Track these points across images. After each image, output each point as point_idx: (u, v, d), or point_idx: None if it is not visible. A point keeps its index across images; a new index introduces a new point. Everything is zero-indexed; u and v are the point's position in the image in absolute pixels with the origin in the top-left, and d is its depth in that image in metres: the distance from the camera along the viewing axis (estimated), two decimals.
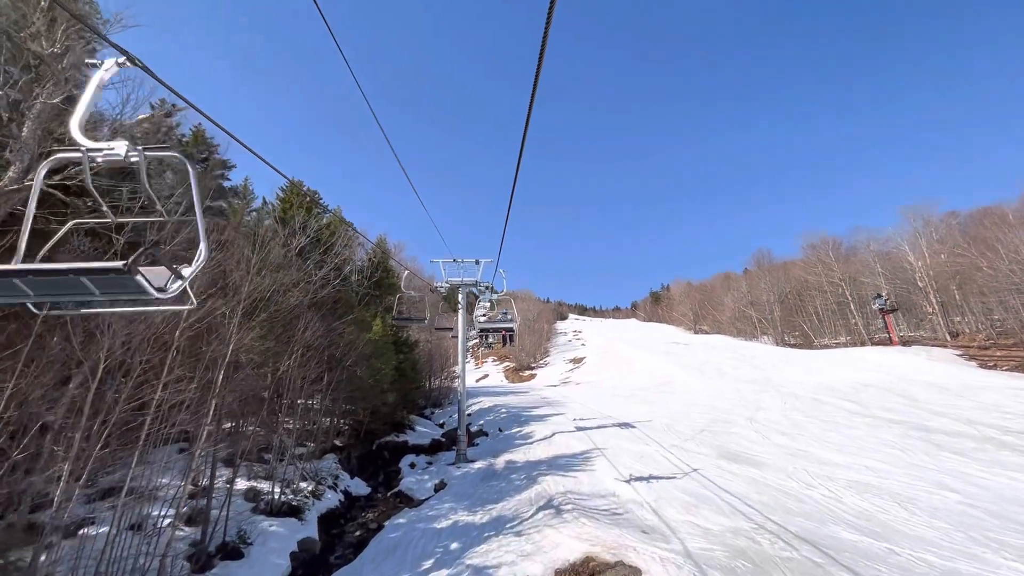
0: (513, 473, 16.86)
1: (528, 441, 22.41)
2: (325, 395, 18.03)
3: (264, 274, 10.88)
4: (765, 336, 65.44)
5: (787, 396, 29.16)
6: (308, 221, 19.29)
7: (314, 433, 18.67)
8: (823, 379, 33.86)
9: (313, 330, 13.94)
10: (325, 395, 18.03)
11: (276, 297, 11.71)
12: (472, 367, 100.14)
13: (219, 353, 9.90)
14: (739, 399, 29.80)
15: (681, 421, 24.85)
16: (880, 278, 46.96)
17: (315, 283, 17.47)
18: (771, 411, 25.23)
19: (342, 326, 17.65)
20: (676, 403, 32.11)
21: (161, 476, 11.45)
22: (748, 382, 35.75)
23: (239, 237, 15.14)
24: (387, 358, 19.60)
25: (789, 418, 23.00)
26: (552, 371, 73.26)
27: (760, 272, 68.48)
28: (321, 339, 16.20)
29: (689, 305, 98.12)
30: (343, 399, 18.57)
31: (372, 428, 20.85)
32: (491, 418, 31.55)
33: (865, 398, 26.55)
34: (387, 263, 26.83)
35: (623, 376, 51.96)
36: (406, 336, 31.27)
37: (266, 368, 11.77)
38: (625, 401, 35.58)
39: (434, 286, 21.96)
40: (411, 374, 25.09)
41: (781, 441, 18.82)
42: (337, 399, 18.81)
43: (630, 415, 28.81)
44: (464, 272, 22.34)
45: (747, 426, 22.04)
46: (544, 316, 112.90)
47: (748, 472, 14.95)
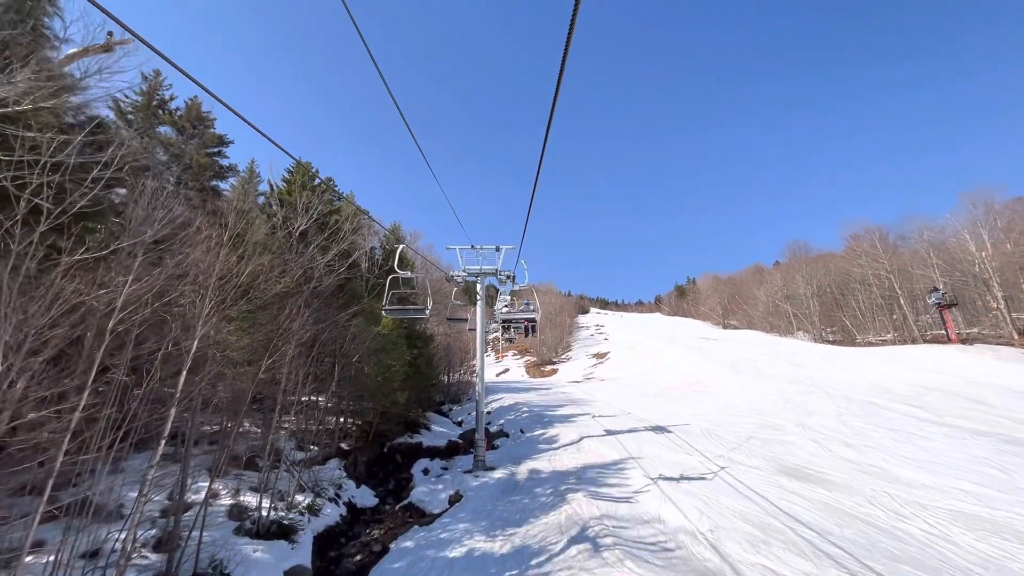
0: (538, 486, 14.85)
1: (553, 446, 20.38)
2: (329, 394, 16.29)
3: (245, 256, 9.12)
4: (801, 332, 61.86)
5: (838, 399, 26.40)
6: (312, 202, 17.51)
7: (318, 436, 16.98)
8: (876, 380, 30.88)
9: (304, 322, 12.11)
10: (329, 394, 16.29)
11: (262, 284, 9.96)
12: (492, 361, 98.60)
13: (186, 348, 8.07)
14: (783, 401, 27.16)
15: (723, 426, 22.44)
16: (934, 270, 43.16)
17: (319, 270, 15.71)
18: (824, 416, 22.59)
19: (347, 318, 15.89)
20: (712, 404, 29.61)
21: (132, 490, 9.83)
22: (790, 382, 32.93)
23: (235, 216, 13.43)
24: (398, 354, 17.80)
25: (848, 425, 20.37)
26: (575, 366, 71.01)
27: (796, 264, 64.64)
28: (325, 333, 14.44)
29: (717, 299, 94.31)
30: (350, 398, 16.86)
31: (383, 429, 19.10)
32: (512, 417, 29.60)
33: (931, 403, 23.67)
34: (402, 251, 25.05)
35: (650, 373, 49.41)
36: (422, 329, 29.54)
37: (249, 366, 10.02)
38: (655, 401, 33.20)
39: (450, 275, 20.00)
40: (426, 370, 23.34)
41: (846, 454, 16.32)
42: (343, 398, 17.09)
43: (663, 417, 26.50)
44: (483, 260, 20.35)
45: (800, 434, 19.53)
46: (566, 310, 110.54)
47: (817, 494, 12.60)
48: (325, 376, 15.64)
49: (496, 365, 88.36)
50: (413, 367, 22.30)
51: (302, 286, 13.96)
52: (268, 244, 12.99)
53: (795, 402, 26.52)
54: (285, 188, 20.56)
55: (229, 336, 9.19)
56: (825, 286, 57.62)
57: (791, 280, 63.56)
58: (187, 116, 16.71)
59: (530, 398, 37.69)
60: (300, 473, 13.59)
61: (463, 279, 20.00)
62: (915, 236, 46.71)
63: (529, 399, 36.97)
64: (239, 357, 9.70)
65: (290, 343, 11.39)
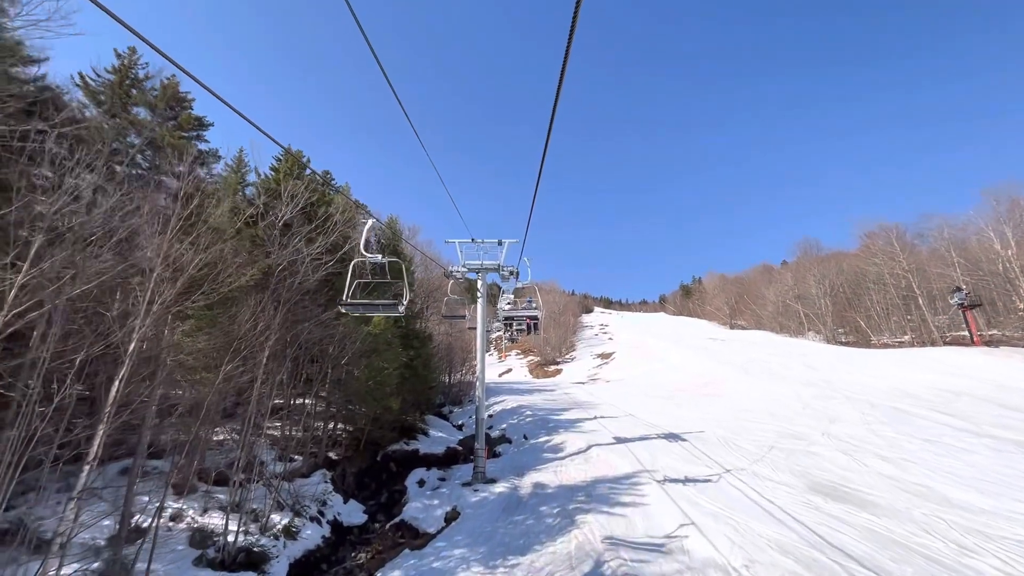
0: (543, 504, 13.42)
1: (559, 455, 18.95)
2: (314, 400, 14.88)
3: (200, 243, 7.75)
4: (812, 333, 60.17)
5: (860, 403, 24.86)
6: (299, 192, 16.11)
7: (303, 445, 15.60)
8: (897, 383, 29.29)
9: (277, 320, 10.71)
10: (314, 400, 14.88)
11: (221, 276, 8.57)
12: (495, 360, 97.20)
13: (123, 349, 6.67)
14: (801, 406, 25.63)
15: (739, 433, 20.96)
16: (956, 269, 41.45)
17: (303, 263, 14.31)
18: (849, 423, 21.07)
19: (334, 316, 14.50)
20: (724, 408, 28.12)
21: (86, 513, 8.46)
22: (806, 385, 31.38)
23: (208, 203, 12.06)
24: (392, 355, 16.41)
25: (878, 434, 18.85)
26: (579, 366, 69.52)
27: (807, 263, 62.88)
28: (306, 332, 13.04)
29: (724, 299, 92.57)
30: (338, 404, 15.49)
31: (375, 436, 17.71)
32: (515, 421, 28.19)
33: (963, 410, 22.10)
34: (398, 246, 23.65)
35: (658, 374, 47.89)
36: (422, 328, 28.14)
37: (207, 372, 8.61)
38: (664, 404, 31.71)
39: (449, 270, 18.58)
40: (423, 372, 21.94)
41: (883, 468, 14.83)
42: (331, 404, 15.70)
43: (674, 422, 25.03)
44: (485, 255, 18.93)
45: (827, 444, 18.04)
46: (570, 309, 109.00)
47: (860, 519, 11.13)
48: (311, 380, 14.23)
49: (499, 365, 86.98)
50: (410, 369, 20.90)
51: (278, 280, 12.57)
52: (232, 231, 11.55)
53: (814, 407, 24.99)
54: (273, 177, 19.20)
55: (184, 337, 7.82)
56: (838, 286, 55.91)
57: (802, 279, 61.85)
58: (162, 96, 15.34)
59: (534, 400, 36.27)
60: (279, 488, 12.16)
61: (463, 275, 18.57)
62: (934, 234, 45.02)
63: (533, 401, 35.54)
64: (196, 362, 8.32)
65: (263, 345, 9.97)
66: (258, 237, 13.81)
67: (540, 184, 7.75)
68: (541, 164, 6.30)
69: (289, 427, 15.55)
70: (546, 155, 6.00)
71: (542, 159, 6.09)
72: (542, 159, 6.09)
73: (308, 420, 16.45)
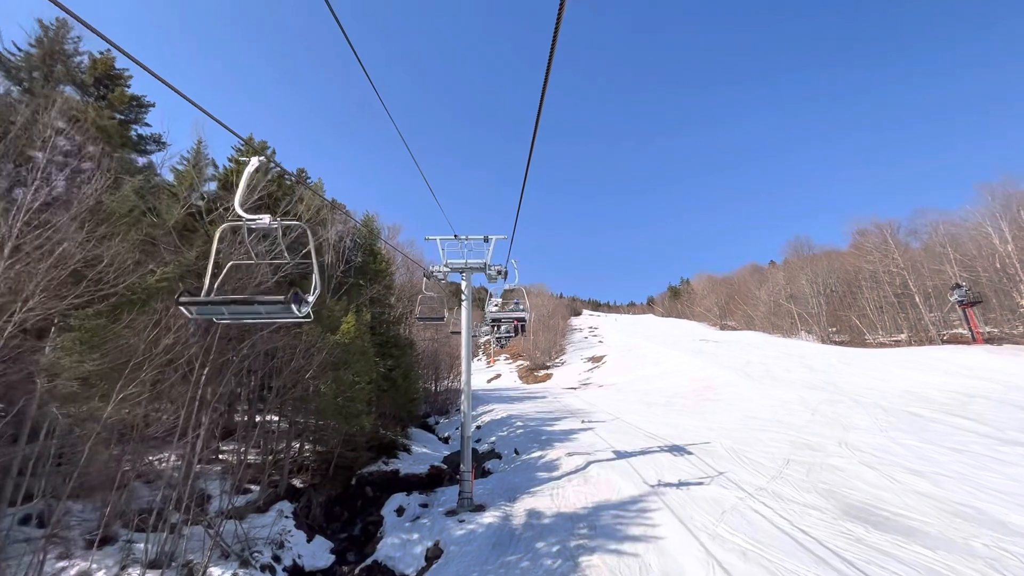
0: (540, 538, 11.55)
1: (554, 474, 17.12)
2: (279, 419, 12.89)
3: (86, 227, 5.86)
4: (805, 333, 59.24)
5: (871, 408, 23.45)
6: (256, 183, 14.12)
7: (263, 470, 13.54)
8: (905, 385, 28.03)
9: (189, 333, 8.76)
10: (279, 419, 12.89)
11: (113, 276, 6.62)
12: (483, 366, 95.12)
13: None
14: (810, 412, 24.14)
15: (749, 444, 19.33)
16: (953, 266, 40.61)
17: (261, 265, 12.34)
18: (865, 431, 19.57)
19: (298, 324, 12.58)
20: (727, 415, 26.56)
21: None
22: (810, 388, 29.99)
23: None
24: (364, 367, 14.43)
25: (899, 443, 17.35)
26: (570, 371, 67.81)
27: (799, 263, 62.08)
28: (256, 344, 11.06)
29: (714, 300, 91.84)
30: (300, 424, 13.51)
31: (349, 458, 15.69)
32: (504, 433, 26.28)
33: (981, 413, 20.75)
34: (375, 245, 21.65)
35: (653, 378, 46.34)
36: (405, 333, 26.14)
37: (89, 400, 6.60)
38: (663, 411, 30.08)
39: (430, 270, 16.68)
40: (403, 383, 19.95)
41: (917, 485, 13.23)
42: (294, 424, 13.69)
43: (676, 432, 23.37)
44: (470, 253, 17.09)
45: (847, 456, 16.45)
46: (559, 312, 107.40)
47: (911, 552, 9.46)
48: (265, 398, 12.22)
49: (487, 371, 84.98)
50: (388, 380, 18.92)
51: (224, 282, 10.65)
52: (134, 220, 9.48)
53: (824, 413, 23.51)
54: (231, 168, 17.18)
55: (63, 353, 5.89)
56: (831, 284, 55.07)
57: (794, 279, 61.00)
58: (91, 72, 13.24)
59: (524, 409, 34.40)
60: (219, 530, 10.09)
61: (445, 275, 16.69)
62: (929, 231, 44.27)
63: (523, 410, 33.66)
64: (79, 388, 6.32)
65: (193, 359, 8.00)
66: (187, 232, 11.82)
67: (527, 178, 7.07)
68: (529, 156, 5.72)
69: (244, 451, 13.48)
70: (533, 148, 5.47)
71: (530, 151, 5.54)
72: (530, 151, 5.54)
73: (269, 443, 14.40)
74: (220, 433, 14.35)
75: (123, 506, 10.10)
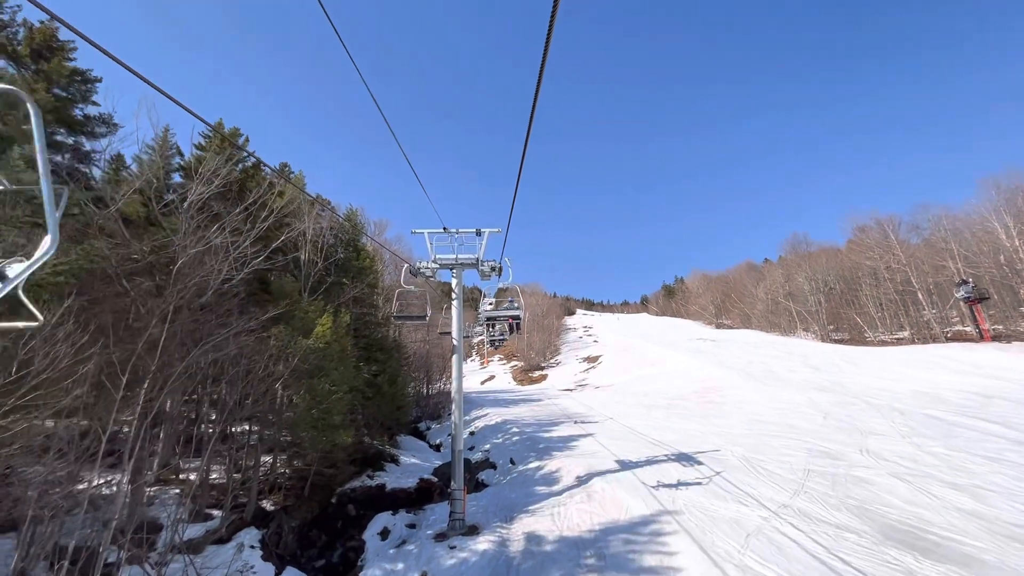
0: (542, 570, 10.11)
1: (554, 488, 15.69)
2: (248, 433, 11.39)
3: None
4: (804, 331, 58.29)
5: (886, 411, 22.26)
6: (219, 167, 12.56)
7: (230, 492, 11.99)
8: (915, 385, 26.94)
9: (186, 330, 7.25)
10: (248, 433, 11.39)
11: None
12: (477, 367, 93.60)
13: None
14: (821, 415, 22.89)
15: (762, 451, 18.02)
16: (957, 261, 39.70)
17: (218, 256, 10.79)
18: (886, 437, 18.33)
19: (262, 325, 11.04)
20: (733, 419, 25.29)
21: None
22: (818, 389, 28.81)
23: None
24: (343, 374, 12.91)
25: (927, 451, 16.09)
26: (565, 371, 66.49)
27: (797, 259, 61.17)
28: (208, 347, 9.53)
29: (710, 298, 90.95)
30: (271, 439, 11.99)
31: (327, 475, 14.14)
32: (499, 441, 24.82)
33: (1004, 415, 19.59)
34: (359, 241, 20.09)
35: (651, 379, 45.08)
36: (394, 335, 24.61)
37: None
38: (665, 415, 28.74)
39: (416, 267, 15.17)
40: (389, 389, 18.40)
41: (959, 501, 11.94)
42: (263, 438, 12.15)
43: (681, 438, 22.04)
44: (461, 248, 15.62)
45: (873, 466, 15.17)
46: (553, 311, 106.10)
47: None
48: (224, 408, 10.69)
49: (481, 372, 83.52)
50: (372, 387, 17.38)
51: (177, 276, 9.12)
52: None
53: (837, 416, 22.27)
54: (197, 156, 15.59)
55: None
56: (831, 282, 54.14)
57: (792, 276, 60.07)
58: (28, 43, 11.58)
59: (520, 413, 32.94)
60: (163, 573, 8.55)
61: (433, 272, 15.20)
62: (932, 226, 43.35)
63: (519, 414, 32.20)
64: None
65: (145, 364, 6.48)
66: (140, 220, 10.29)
67: (523, 168, 6.45)
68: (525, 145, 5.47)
69: (206, 470, 11.90)
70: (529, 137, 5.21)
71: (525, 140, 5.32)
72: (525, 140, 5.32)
73: (238, 460, 12.85)
74: (180, 450, 12.80)
75: (45, 541, 8.49)
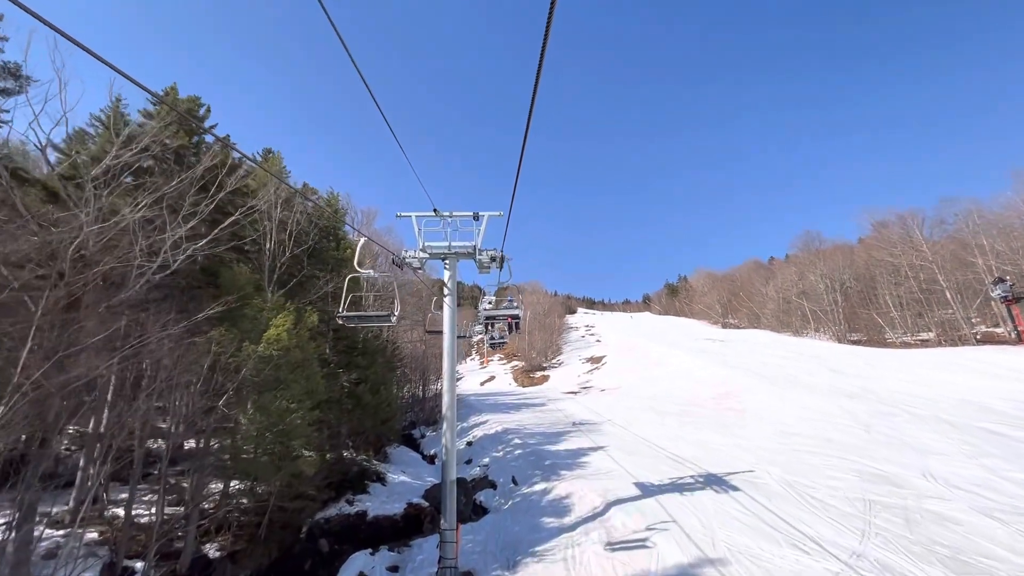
0: None
1: (565, 520, 13.22)
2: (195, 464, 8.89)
3: None
4: (813, 331, 55.75)
5: (935, 424, 19.75)
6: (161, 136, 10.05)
7: (153, 535, 9.47)
8: (955, 392, 24.42)
9: None
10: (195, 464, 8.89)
11: None
12: (476, 366, 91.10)
13: None
14: (863, 429, 20.33)
15: (805, 476, 15.54)
16: (989, 257, 37.18)
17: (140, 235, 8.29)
18: (949, 458, 15.86)
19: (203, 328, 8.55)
20: (760, 430, 22.77)
21: None
22: (847, 396, 26.29)
23: None
24: (303, 387, 10.34)
25: (1005, 477, 13.61)
26: (568, 372, 63.98)
27: (810, 257, 58.62)
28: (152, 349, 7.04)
29: (716, 297, 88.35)
30: (211, 470, 9.52)
31: (289, 510, 11.63)
32: (500, 454, 22.32)
33: None
34: (339, 229, 17.54)
35: (660, 381, 42.57)
36: (378, 336, 22.08)
37: None
38: (679, 423, 26.26)
39: (401, 256, 12.62)
40: (372, 399, 15.80)
41: None
42: (203, 471, 9.65)
43: (704, 454, 19.59)
44: (455, 235, 13.09)
45: (950, 498, 12.67)
46: (554, 310, 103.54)
47: None
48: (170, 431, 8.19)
49: (481, 372, 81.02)
50: (352, 397, 14.86)
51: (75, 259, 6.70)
52: None
53: (881, 431, 19.76)
54: (111, 115, 13.08)
55: None
56: (847, 280, 51.62)
57: (804, 274, 57.54)
58: None
59: (522, 420, 30.46)
60: None
61: (422, 262, 12.68)
62: (960, 221, 40.80)
63: (521, 421, 29.72)
64: None
65: None
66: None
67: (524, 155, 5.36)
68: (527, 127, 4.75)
69: (128, 509, 9.39)
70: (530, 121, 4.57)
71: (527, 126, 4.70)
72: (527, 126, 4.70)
73: (176, 493, 10.34)
74: (104, 483, 10.31)
75: None
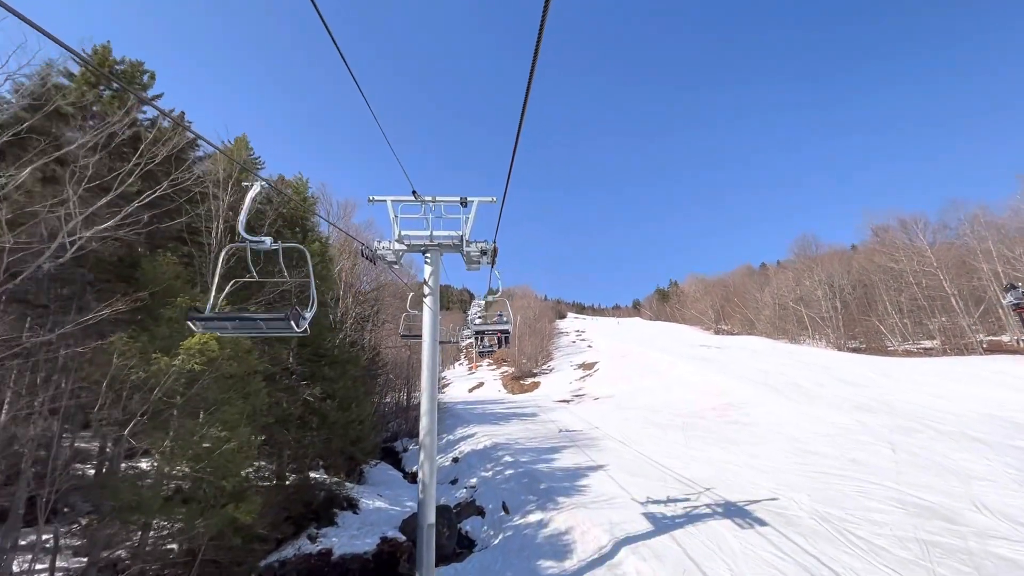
0: None
1: (566, 564, 11.13)
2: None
3: None
4: (812, 338, 54.41)
5: (968, 442, 18.02)
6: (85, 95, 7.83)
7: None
8: (976, 406, 22.84)
9: None
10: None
11: None
12: (465, 372, 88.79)
13: None
14: (891, 448, 18.46)
15: (840, 506, 13.63)
16: (995, 263, 35.98)
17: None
18: (999, 486, 14.07)
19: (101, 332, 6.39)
20: (773, 447, 20.87)
21: None
22: (863, 410, 24.56)
23: None
24: (240, 409, 8.14)
25: None
26: (559, 379, 61.97)
27: (807, 263, 57.36)
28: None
29: (709, 302, 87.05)
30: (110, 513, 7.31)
31: (228, 556, 9.39)
32: (489, 474, 20.15)
33: None
34: (307, 220, 15.34)
35: (656, 390, 40.70)
36: (355, 342, 19.86)
37: None
38: (683, 438, 24.30)
39: (373, 248, 10.46)
40: (340, 416, 13.50)
41: None
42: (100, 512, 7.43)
43: (716, 473, 17.67)
44: (438, 223, 10.94)
45: (1019, 538, 10.79)
46: (544, 315, 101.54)
47: None
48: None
49: (469, 377, 78.74)
50: (318, 415, 12.63)
51: None
52: None
53: (910, 451, 17.94)
54: (75, 93, 10.86)
55: None
56: (845, 286, 50.36)
57: (801, 280, 56.27)
58: None
59: (512, 433, 28.31)
60: None
61: (397, 256, 10.55)
62: (965, 225, 39.62)
63: (511, 435, 27.57)
64: None
65: None
66: None
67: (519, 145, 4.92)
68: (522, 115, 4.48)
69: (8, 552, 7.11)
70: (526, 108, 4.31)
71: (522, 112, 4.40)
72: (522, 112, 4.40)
73: (66, 546, 8.07)
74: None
75: None
